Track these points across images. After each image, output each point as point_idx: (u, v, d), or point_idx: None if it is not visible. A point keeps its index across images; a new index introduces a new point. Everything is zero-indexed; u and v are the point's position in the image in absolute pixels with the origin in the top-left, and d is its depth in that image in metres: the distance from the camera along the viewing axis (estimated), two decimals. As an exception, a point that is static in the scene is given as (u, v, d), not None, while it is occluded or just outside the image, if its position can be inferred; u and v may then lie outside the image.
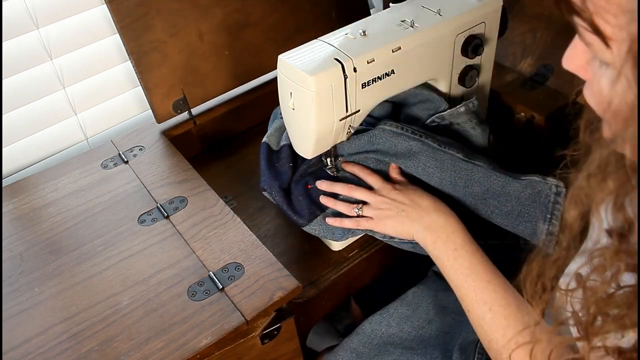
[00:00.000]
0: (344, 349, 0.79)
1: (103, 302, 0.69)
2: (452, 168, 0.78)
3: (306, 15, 1.01)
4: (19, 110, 0.92)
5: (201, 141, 1.01)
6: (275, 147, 0.88)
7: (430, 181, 0.80)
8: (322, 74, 0.71)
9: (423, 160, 0.79)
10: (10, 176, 0.94)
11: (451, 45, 0.83)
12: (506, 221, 0.76)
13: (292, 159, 0.86)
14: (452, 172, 0.78)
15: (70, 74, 0.94)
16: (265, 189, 0.84)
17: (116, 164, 0.89)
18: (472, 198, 0.78)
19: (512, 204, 0.76)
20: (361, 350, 0.78)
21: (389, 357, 0.76)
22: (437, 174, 0.78)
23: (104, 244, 0.76)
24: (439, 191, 0.80)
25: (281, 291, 0.68)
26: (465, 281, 0.67)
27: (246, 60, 0.99)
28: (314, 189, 0.83)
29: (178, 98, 0.94)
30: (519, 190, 0.76)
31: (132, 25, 0.86)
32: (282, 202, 0.82)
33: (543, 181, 0.75)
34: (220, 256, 0.73)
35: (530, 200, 0.75)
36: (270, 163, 0.86)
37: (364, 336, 0.79)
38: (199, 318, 0.66)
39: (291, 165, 0.85)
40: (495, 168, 0.79)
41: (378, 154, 0.82)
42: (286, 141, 0.86)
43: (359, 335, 0.79)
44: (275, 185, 0.83)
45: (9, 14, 0.85)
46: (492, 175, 0.77)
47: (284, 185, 0.84)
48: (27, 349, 0.64)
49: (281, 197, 0.82)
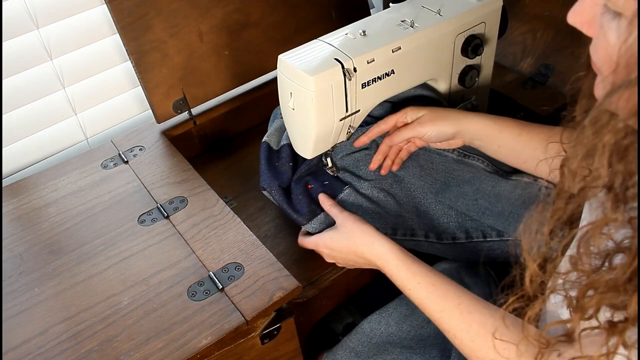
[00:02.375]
0: (343, 348, 0.79)
1: (103, 302, 0.69)
2: (445, 169, 0.81)
3: (306, 15, 1.01)
4: (19, 110, 0.92)
5: (201, 141, 1.01)
6: (276, 146, 0.88)
7: (424, 182, 0.81)
8: (322, 74, 0.71)
9: (418, 161, 0.80)
10: (10, 176, 0.94)
11: (451, 45, 0.83)
12: (497, 222, 0.77)
13: (292, 159, 0.86)
14: (445, 174, 0.81)
15: (70, 74, 0.94)
16: (265, 188, 0.84)
17: (116, 164, 0.89)
18: (464, 199, 0.79)
19: (502, 205, 0.77)
20: (360, 350, 0.78)
21: (387, 356, 0.76)
22: (431, 175, 0.80)
23: (104, 244, 0.76)
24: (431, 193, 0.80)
25: (281, 291, 0.68)
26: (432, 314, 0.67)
27: (246, 60, 0.99)
28: (315, 189, 0.83)
29: (178, 98, 0.94)
30: (508, 190, 0.77)
31: (132, 25, 0.86)
32: (281, 200, 0.82)
33: (534, 182, 0.76)
34: (220, 256, 0.73)
35: (520, 201, 0.75)
36: (270, 162, 0.86)
37: (363, 335, 0.79)
38: (199, 318, 0.66)
39: (291, 165, 0.86)
40: (488, 166, 0.80)
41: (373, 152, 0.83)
42: (286, 141, 0.86)
43: (358, 335, 0.79)
44: (274, 185, 0.83)
45: (9, 14, 0.85)
46: (482, 174, 0.78)
47: (284, 184, 0.84)
48: (27, 349, 0.64)
49: (281, 196, 0.83)
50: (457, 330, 0.62)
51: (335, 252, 0.76)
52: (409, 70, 0.80)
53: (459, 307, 0.63)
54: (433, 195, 0.82)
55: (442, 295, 0.65)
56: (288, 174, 0.85)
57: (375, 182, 0.84)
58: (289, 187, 0.85)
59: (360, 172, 0.86)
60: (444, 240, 0.81)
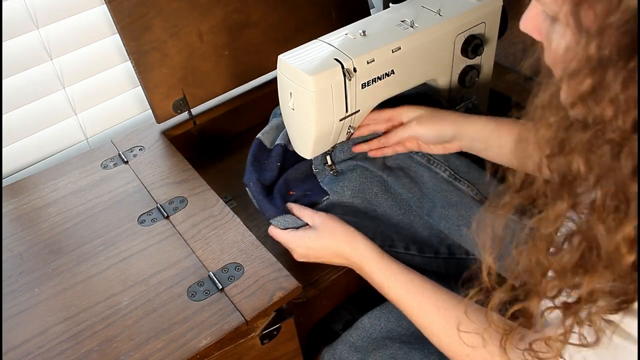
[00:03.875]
0: (343, 343, 0.79)
1: (103, 302, 0.69)
2: (434, 187, 0.80)
3: (306, 15, 1.01)
4: (19, 110, 0.92)
5: (201, 141, 1.01)
6: (270, 145, 0.88)
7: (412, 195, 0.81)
8: (322, 74, 0.71)
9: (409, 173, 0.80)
10: (10, 176, 0.94)
11: (451, 45, 0.83)
12: (475, 250, 0.77)
13: (281, 160, 0.85)
14: (433, 191, 0.80)
15: (70, 74, 0.94)
16: (247, 185, 0.83)
17: (116, 164, 0.89)
18: (447, 222, 0.79)
19: None
20: (360, 345, 0.78)
21: (387, 351, 0.76)
22: (420, 189, 0.79)
23: (104, 244, 0.76)
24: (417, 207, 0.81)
25: (281, 291, 0.68)
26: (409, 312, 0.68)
27: (246, 60, 0.99)
28: (295, 196, 0.83)
29: (178, 98, 0.94)
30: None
31: (132, 25, 0.86)
32: (257, 193, 0.81)
33: (518, 221, 0.75)
34: (220, 256, 0.73)
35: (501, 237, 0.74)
36: (257, 159, 0.85)
37: (363, 331, 0.79)
38: (199, 318, 0.66)
39: (278, 165, 0.85)
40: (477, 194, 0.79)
41: (366, 163, 0.83)
42: (281, 141, 0.86)
43: (358, 330, 0.80)
44: (253, 178, 0.82)
45: (9, 14, 0.85)
46: (469, 200, 0.78)
47: (265, 181, 0.83)
48: (27, 349, 0.64)
49: (257, 188, 0.81)
50: (433, 327, 0.64)
51: (312, 250, 0.75)
52: (409, 70, 0.80)
53: (436, 304, 0.64)
54: (418, 210, 0.82)
55: (419, 293, 0.66)
56: (273, 174, 0.84)
57: (359, 191, 0.83)
58: (270, 186, 0.84)
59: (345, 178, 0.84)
60: (426, 253, 0.80)
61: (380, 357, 0.76)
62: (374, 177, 0.83)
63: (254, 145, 0.87)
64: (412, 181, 0.83)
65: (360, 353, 0.78)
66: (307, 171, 0.86)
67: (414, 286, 0.67)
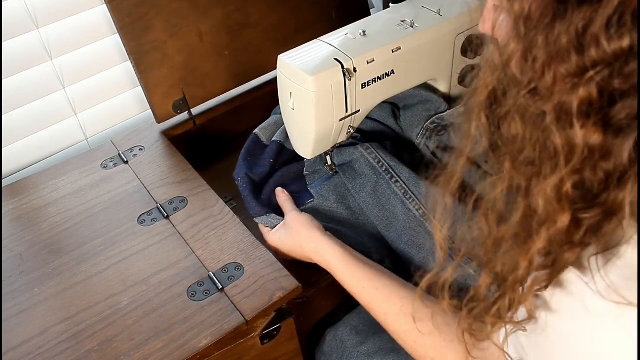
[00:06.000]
0: (345, 325, 0.81)
1: (103, 302, 0.69)
2: (404, 223, 0.78)
3: (306, 15, 1.01)
4: (19, 110, 0.92)
5: (201, 141, 1.01)
6: (266, 141, 0.88)
7: (379, 224, 0.80)
8: (322, 74, 0.71)
9: (381, 201, 0.79)
10: (10, 176, 0.94)
11: (451, 45, 0.83)
12: None
13: (275, 157, 0.85)
14: (402, 224, 0.78)
15: (70, 74, 0.94)
16: (236, 179, 0.83)
17: (116, 164, 0.89)
18: (409, 260, 0.77)
19: None
20: (361, 328, 0.79)
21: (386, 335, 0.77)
22: (386, 221, 0.79)
23: (104, 244, 0.76)
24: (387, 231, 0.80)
25: (281, 291, 0.68)
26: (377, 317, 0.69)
27: (246, 60, 0.99)
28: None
29: (178, 98, 0.94)
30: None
31: (132, 25, 0.86)
32: (245, 188, 0.81)
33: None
34: (220, 256, 0.73)
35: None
36: (249, 154, 0.85)
37: (365, 314, 0.80)
38: (199, 318, 0.66)
39: (271, 162, 0.85)
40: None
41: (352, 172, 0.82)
42: (278, 138, 0.86)
43: (360, 314, 0.81)
44: (242, 173, 0.82)
45: (9, 14, 0.85)
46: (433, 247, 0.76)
47: (255, 177, 0.83)
48: (27, 349, 0.64)
49: (246, 184, 0.81)
50: (400, 332, 0.65)
51: (284, 245, 0.76)
52: (409, 70, 0.80)
53: (402, 309, 0.65)
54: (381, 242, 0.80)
55: (386, 299, 0.67)
56: (264, 169, 0.84)
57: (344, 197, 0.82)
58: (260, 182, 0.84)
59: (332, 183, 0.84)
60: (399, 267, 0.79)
61: (379, 340, 0.77)
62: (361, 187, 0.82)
63: (249, 139, 0.87)
64: (383, 209, 0.80)
65: (361, 336, 0.79)
66: (298, 172, 0.86)
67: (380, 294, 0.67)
